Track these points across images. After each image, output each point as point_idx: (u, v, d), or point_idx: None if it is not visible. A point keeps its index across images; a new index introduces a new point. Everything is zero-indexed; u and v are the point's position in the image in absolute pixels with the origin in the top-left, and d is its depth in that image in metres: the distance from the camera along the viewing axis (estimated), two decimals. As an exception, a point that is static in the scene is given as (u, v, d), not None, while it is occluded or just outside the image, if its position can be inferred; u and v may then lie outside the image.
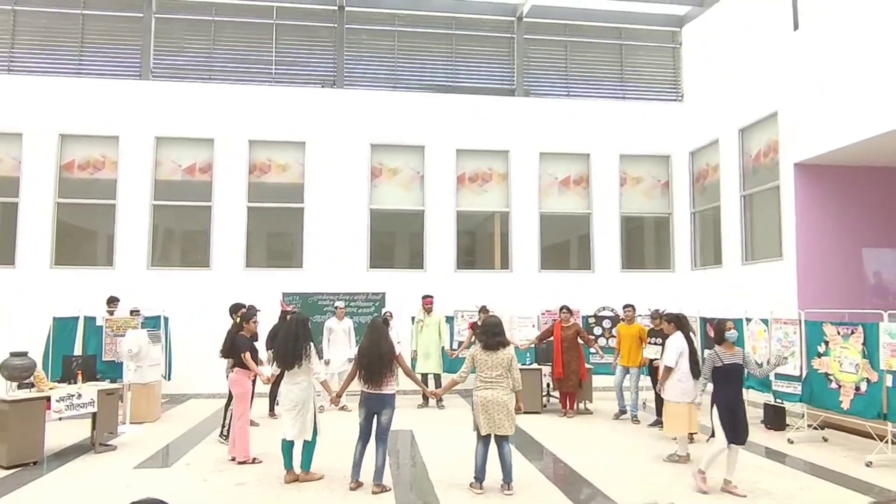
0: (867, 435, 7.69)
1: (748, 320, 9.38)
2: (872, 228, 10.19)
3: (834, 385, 7.78)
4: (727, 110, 11.95)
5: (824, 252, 9.97)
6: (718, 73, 12.40)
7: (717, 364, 6.05)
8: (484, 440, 5.95)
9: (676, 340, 7.24)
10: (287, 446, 6.25)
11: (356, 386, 6.21)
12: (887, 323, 7.20)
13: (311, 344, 6.35)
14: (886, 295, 10.23)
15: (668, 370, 7.15)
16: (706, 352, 6.31)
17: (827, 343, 7.90)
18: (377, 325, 6.22)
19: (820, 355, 7.99)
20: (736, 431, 5.91)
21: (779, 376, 8.62)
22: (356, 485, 5.97)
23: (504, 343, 6.02)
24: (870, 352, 7.31)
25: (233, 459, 7.01)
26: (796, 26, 10.26)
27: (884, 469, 6.77)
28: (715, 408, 6.01)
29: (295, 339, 6.25)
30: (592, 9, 13.31)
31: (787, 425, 8.75)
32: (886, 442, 7.12)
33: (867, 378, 7.32)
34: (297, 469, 6.28)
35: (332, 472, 6.48)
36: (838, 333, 7.74)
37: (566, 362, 9.78)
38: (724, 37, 12.28)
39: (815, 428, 8.38)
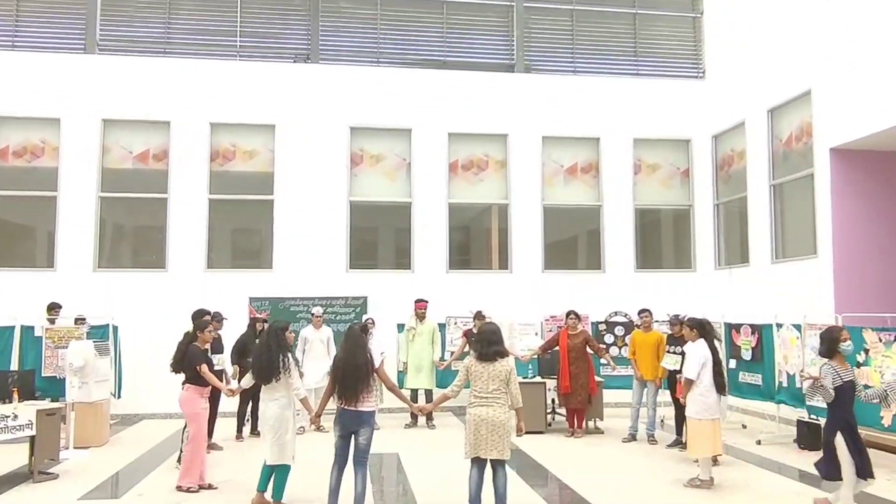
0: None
1: (779, 326, 9.44)
2: (919, 222, 10.28)
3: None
4: (754, 89, 12.01)
5: (864, 249, 10.04)
6: (744, 47, 12.47)
7: (838, 383, 5.76)
8: (478, 464, 5.87)
9: (699, 349, 7.20)
10: (267, 469, 6.25)
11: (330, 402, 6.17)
12: (935, 328, 7.25)
13: (290, 355, 6.33)
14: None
15: (690, 383, 7.11)
16: (822, 367, 6.01)
17: (867, 351, 7.96)
18: (354, 333, 6.18)
19: (859, 365, 8.03)
20: (865, 461, 5.71)
21: (812, 387, 8.65)
22: None
23: (502, 353, 5.90)
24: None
25: (179, 488, 6.86)
26: (832, -7, 10.33)
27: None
28: (839, 435, 5.75)
29: (269, 350, 6.25)
30: (602, -27, 13.38)
31: (824, 444, 8.77)
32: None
33: (912, 389, 7.36)
34: (268, 497, 6.24)
35: (307, 502, 6.43)
36: (880, 340, 7.80)
37: (574, 375, 9.77)
38: (752, 5, 12.34)
39: (855, 447, 8.42)
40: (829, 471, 5.88)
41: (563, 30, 13.78)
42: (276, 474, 6.24)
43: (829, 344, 5.94)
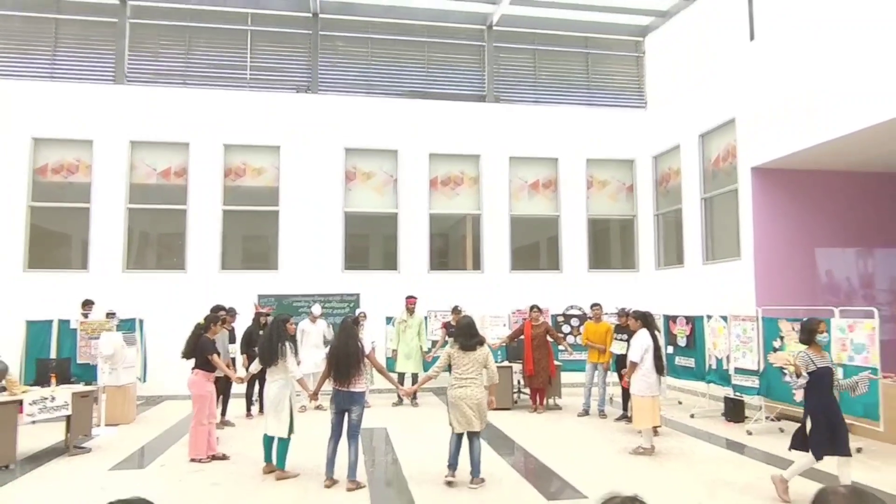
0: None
1: (709, 317, 9.53)
2: (824, 229, 10.43)
3: (788, 378, 7.94)
4: (688, 116, 12.13)
5: (779, 252, 10.18)
6: (679, 81, 12.61)
7: (811, 368, 5.49)
8: (458, 436, 5.97)
9: (642, 337, 7.28)
10: (268, 440, 6.37)
11: (328, 384, 6.20)
12: (838, 319, 7.38)
13: (288, 343, 6.37)
14: (838, 292, 10.47)
15: (634, 365, 7.21)
16: (799, 353, 5.73)
17: (782, 338, 8.08)
18: (347, 325, 6.26)
19: (776, 350, 8.15)
20: (837, 442, 5.41)
21: (738, 371, 8.77)
22: (330, 482, 5.91)
23: (481, 342, 6.11)
24: (826, 344, 7.48)
25: (192, 460, 6.87)
26: (752, 37, 10.47)
27: (835, 457, 6.92)
28: (809, 418, 5.50)
29: (270, 338, 6.36)
30: (560, 18, 13.42)
31: (746, 417, 8.90)
32: (838, 432, 7.29)
33: (820, 371, 7.48)
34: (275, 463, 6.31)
35: (307, 470, 6.41)
36: (793, 329, 7.91)
37: (536, 360, 9.81)
38: (685, 46, 12.49)
39: (773, 420, 8.55)
40: (795, 444, 5.67)
41: (526, 66, 13.84)
42: (277, 446, 6.27)
43: (808, 334, 5.71)
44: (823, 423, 5.42)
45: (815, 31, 9.00)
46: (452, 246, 13.57)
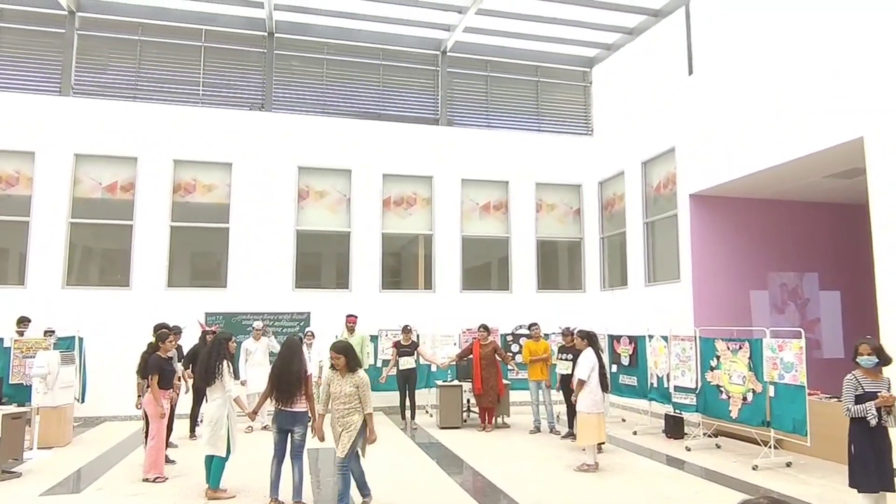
0: (754, 441, 8.13)
1: (650, 337, 9.77)
2: (758, 254, 10.89)
3: (724, 396, 8.22)
4: (631, 145, 12.51)
5: (717, 275, 10.56)
6: (624, 111, 13.02)
7: (857, 392, 4.98)
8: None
9: (589, 356, 7.39)
10: (208, 461, 6.14)
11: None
12: (769, 339, 7.70)
13: (226, 362, 6.22)
14: (769, 314, 10.91)
15: (581, 383, 7.28)
16: (846, 377, 5.13)
17: (718, 357, 8.34)
18: (292, 343, 6.09)
19: (712, 368, 8.42)
20: (872, 476, 4.86)
21: (677, 388, 9.01)
22: (276, 503, 5.76)
23: (352, 367, 5.55)
24: (755, 365, 7.79)
25: (149, 479, 6.70)
26: (691, 71, 10.95)
27: (768, 472, 7.18)
28: (852, 446, 5.02)
29: (209, 357, 6.24)
30: (511, 47, 13.74)
31: (686, 434, 9.13)
32: (770, 447, 7.57)
33: (753, 389, 7.78)
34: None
35: (253, 491, 6.23)
36: (728, 348, 8.20)
37: (485, 378, 9.86)
38: (629, 78, 12.94)
39: (710, 436, 8.80)
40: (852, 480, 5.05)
41: (479, 92, 14.06)
42: (213, 465, 6.09)
43: (855, 353, 5.11)
44: (870, 453, 4.90)
45: (750, 68, 9.49)
46: (405, 265, 13.55)
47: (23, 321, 9.86)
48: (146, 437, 7.00)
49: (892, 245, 7.14)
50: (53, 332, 9.69)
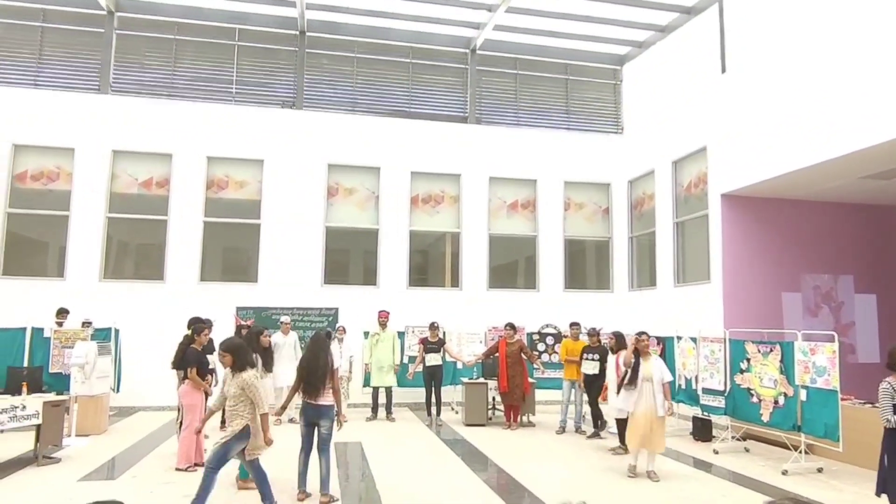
0: (784, 445, 7.99)
1: (679, 338, 9.67)
2: (790, 255, 10.69)
3: (755, 399, 8.09)
4: (662, 143, 12.37)
5: (747, 276, 10.40)
6: (654, 109, 12.88)
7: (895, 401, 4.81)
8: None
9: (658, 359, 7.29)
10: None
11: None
12: (801, 342, 7.56)
13: (256, 355, 6.36)
14: (802, 316, 10.71)
15: (669, 384, 7.13)
16: (882, 385, 4.91)
17: (749, 360, 8.21)
18: (319, 338, 6.14)
19: (742, 371, 8.30)
20: None
21: (706, 391, 8.90)
22: (303, 495, 5.86)
23: (241, 366, 5.28)
24: (786, 368, 7.66)
25: (181, 469, 6.88)
26: (724, 69, 10.78)
27: (798, 477, 7.06)
28: (885, 456, 4.89)
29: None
30: (541, 45, 13.69)
31: (714, 437, 9.02)
32: (800, 452, 7.44)
33: (784, 392, 7.65)
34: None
35: (281, 483, 6.33)
36: (759, 351, 8.07)
37: (510, 377, 9.85)
38: (660, 76, 12.79)
39: (738, 439, 8.67)
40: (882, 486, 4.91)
41: (508, 90, 14.04)
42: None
43: (889, 359, 4.90)
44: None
45: (783, 66, 9.31)
46: (432, 263, 13.61)
47: (62, 312, 10.16)
48: (180, 427, 7.18)
49: (932, 248, 6.95)
50: (90, 323, 9.99)
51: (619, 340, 8.48)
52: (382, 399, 10.69)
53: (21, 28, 11.97)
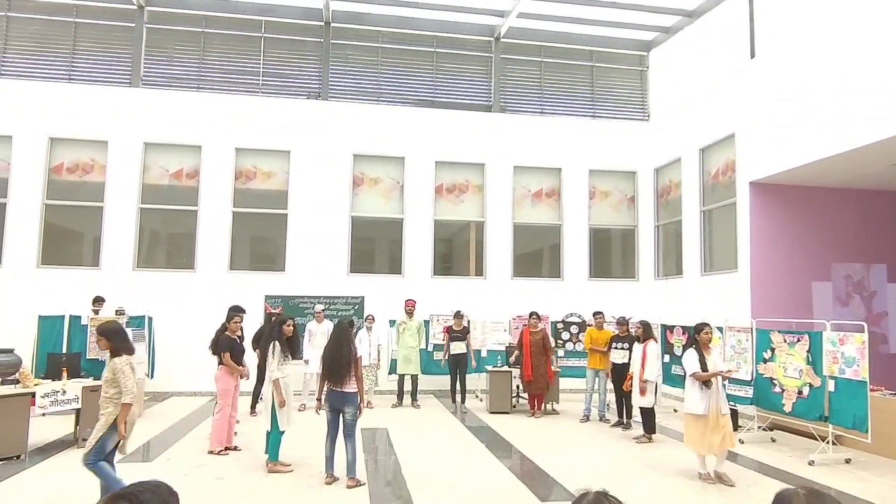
0: (811, 436, 7.91)
1: (705, 328, 9.59)
2: (820, 244, 10.51)
3: (777, 389, 8.03)
4: (689, 131, 12.22)
5: (776, 266, 10.26)
6: (682, 96, 12.71)
7: None
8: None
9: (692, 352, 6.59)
10: (267, 436, 6.59)
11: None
12: (830, 332, 7.46)
13: (275, 344, 6.56)
14: (832, 306, 10.54)
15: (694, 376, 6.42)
16: None
17: (773, 350, 8.14)
18: (342, 327, 6.33)
19: (765, 361, 8.24)
20: None
21: (731, 380, 8.84)
22: (331, 479, 6.02)
23: (115, 352, 5.06)
24: (814, 358, 7.57)
25: (214, 452, 7.11)
26: (753, 55, 10.58)
27: (825, 468, 7.00)
28: None
29: (266, 338, 6.65)
30: (566, 32, 13.57)
31: (740, 426, 8.95)
32: (827, 442, 7.37)
33: (810, 383, 7.57)
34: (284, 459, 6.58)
35: (310, 466, 6.51)
36: (784, 341, 7.99)
37: (535, 366, 9.88)
38: (688, 62, 12.59)
39: (765, 429, 8.61)
40: None
41: (532, 78, 13.95)
42: (270, 437, 6.45)
43: None
44: None
45: (814, 52, 9.11)
46: (456, 252, 13.67)
47: (98, 301, 10.47)
48: (214, 411, 7.41)
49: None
50: (124, 311, 10.27)
51: (646, 329, 8.48)
52: (408, 386, 10.83)
53: (55, 24, 12.26)
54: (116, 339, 5.06)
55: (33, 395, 7.03)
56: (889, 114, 7.70)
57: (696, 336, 6.64)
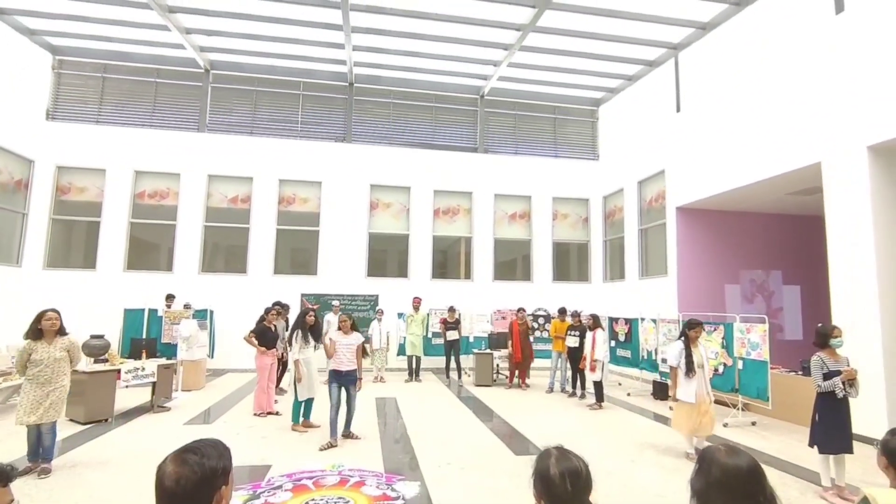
0: (725, 404, 7.89)
1: (642, 319, 9.60)
2: (731, 255, 10.54)
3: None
4: (629, 167, 12.25)
5: (697, 271, 10.28)
6: (624, 141, 12.76)
7: (824, 370, 4.56)
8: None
9: (677, 343, 5.99)
10: (295, 405, 6.56)
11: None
12: (739, 323, 7.47)
13: (298, 332, 6.50)
14: (740, 303, 10.56)
15: (674, 370, 5.78)
16: (812, 358, 4.69)
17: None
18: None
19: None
20: (834, 440, 4.48)
21: (663, 361, 8.82)
22: (335, 441, 5.80)
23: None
24: (727, 343, 7.57)
25: (256, 414, 7.04)
26: (678, 109, 10.66)
27: (736, 429, 6.97)
28: (817, 415, 4.59)
29: (288, 329, 6.78)
30: (534, 91, 13.62)
31: (669, 396, 8.91)
32: (738, 409, 7.35)
33: (724, 363, 7.56)
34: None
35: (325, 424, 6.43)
36: (704, 330, 7.95)
37: (522, 348, 9.90)
38: (628, 114, 12.67)
39: (689, 398, 8.57)
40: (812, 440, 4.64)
41: (509, 126, 13.96)
42: (304, 404, 6.47)
43: (822, 339, 4.65)
44: (828, 423, 4.52)
45: (726, 106, 9.19)
46: (450, 260, 13.63)
47: (170, 297, 10.41)
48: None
49: (843, 248, 6.83)
50: (191, 306, 10.20)
51: (595, 320, 8.47)
52: (414, 364, 10.76)
53: (141, 83, 12.25)
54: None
55: (119, 371, 6.96)
56: (783, 155, 7.77)
57: (687, 332, 5.79)
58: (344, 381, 5.95)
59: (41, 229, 11.14)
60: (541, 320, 11.65)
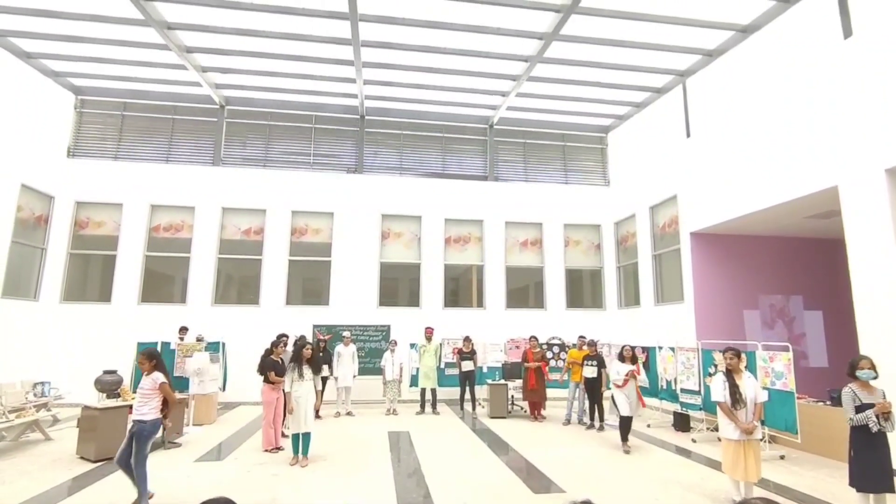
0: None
1: (660, 347, 9.38)
2: (749, 279, 10.35)
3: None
4: (641, 193, 12.21)
5: (714, 297, 10.08)
6: (634, 167, 12.76)
7: (856, 403, 4.39)
8: None
9: (718, 377, 5.40)
10: (293, 437, 6.51)
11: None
12: (761, 351, 7.25)
13: (293, 364, 6.46)
14: (761, 330, 10.30)
15: (721, 406, 5.17)
16: (843, 390, 4.50)
17: (716, 366, 7.89)
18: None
19: (711, 374, 7.98)
20: (872, 478, 4.25)
21: (683, 390, 8.57)
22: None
23: None
24: (750, 371, 7.31)
25: (266, 451, 6.92)
26: (689, 134, 10.66)
27: (764, 464, 6.59)
28: (852, 450, 4.39)
29: (291, 359, 6.59)
30: (543, 120, 13.75)
31: (691, 428, 8.64)
32: (765, 442, 7.05)
33: (748, 393, 7.29)
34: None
35: (344, 463, 6.28)
36: (724, 358, 7.73)
37: (536, 378, 9.67)
38: (637, 141, 12.70)
39: (711, 430, 8.28)
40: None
41: (518, 154, 14.06)
42: (301, 439, 6.36)
43: (850, 369, 4.48)
44: (866, 459, 4.31)
45: (738, 130, 9.17)
46: (461, 288, 13.53)
47: (182, 330, 10.38)
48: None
49: (867, 274, 6.65)
50: (203, 338, 10.17)
51: (633, 354, 8.07)
52: (428, 396, 10.57)
53: (157, 120, 12.58)
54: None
55: (130, 406, 6.89)
56: (798, 179, 7.68)
57: (725, 361, 5.29)
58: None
59: (59, 263, 11.32)
60: (556, 349, 11.43)
